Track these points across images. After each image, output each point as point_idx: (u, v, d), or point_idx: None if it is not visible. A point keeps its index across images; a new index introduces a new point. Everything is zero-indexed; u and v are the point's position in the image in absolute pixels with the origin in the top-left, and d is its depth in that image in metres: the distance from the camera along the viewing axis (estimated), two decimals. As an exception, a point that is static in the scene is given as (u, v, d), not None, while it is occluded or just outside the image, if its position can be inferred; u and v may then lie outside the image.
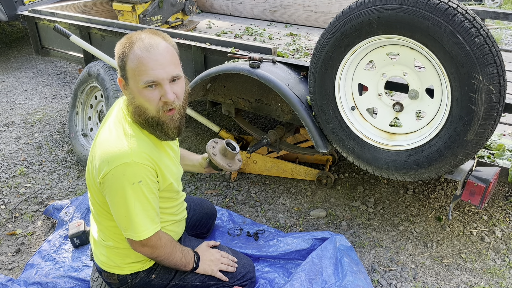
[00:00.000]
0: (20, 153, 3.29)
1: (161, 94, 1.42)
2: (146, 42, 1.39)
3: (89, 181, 1.59)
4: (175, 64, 1.44)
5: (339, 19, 1.79)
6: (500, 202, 2.60)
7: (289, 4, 4.15)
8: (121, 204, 1.45)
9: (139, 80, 1.39)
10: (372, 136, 1.95)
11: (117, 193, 1.43)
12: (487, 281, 2.04)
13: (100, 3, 4.11)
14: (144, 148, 1.46)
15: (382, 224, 2.43)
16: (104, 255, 1.67)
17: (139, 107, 1.45)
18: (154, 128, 1.48)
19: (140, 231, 1.49)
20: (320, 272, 1.89)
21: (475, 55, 1.53)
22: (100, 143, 1.48)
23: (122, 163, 1.40)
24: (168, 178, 1.58)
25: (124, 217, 1.47)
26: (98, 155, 1.46)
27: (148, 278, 1.68)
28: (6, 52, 5.95)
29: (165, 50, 1.41)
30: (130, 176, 1.41)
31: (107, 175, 1.41)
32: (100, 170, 1.43)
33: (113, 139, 1.45)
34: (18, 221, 2.52)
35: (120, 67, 1.45)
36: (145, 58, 1.37)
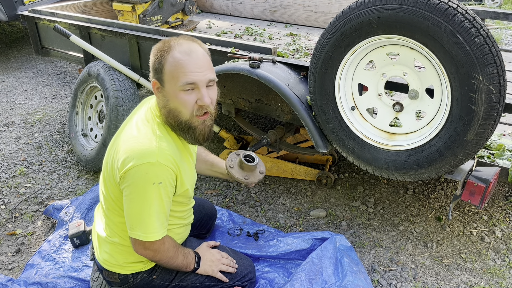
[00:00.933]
0: (20, 153, 3.29)
1: (198, 97, 1.45)
2: (185, 46, 1.44)
3: (106, 176, 1.60)
4: (211, 69, 1.49)
5: (339, 19, 1.79)
6: (500, 202, 2.60)
7: (289, 4, 4.15)
8: (137, 201, 1.47)
9: (177, 82, 1.42)
10: (372, 136, 1.95)
11: (136, 190, 1.45)
12: (487, 281, 2.04)
13: (100, 3, 4.11)
14: (170, 151, 1.48)
15: (382, 224, 2.43)
16: (107, 253, 1.67)
17: (173, 110, 1.48)
18: (185, 132, 1.52)
19: (149, 232, 1.50)
20: (320, 272, 1.89)
21: (475, 55, 1.53)
22: (126, 139, 1.50)
23: (147, 162, 1.42)
24: (186, 184, 1.60)
25: (137, 215, 1.48)
26: (124, 150, 1.47)
27: (149, 279, 1.68)
28: (6, 52, 5.95)
29: (203, 55, 1.47)
30: (153, 175, 1.43)
31: (130, 170, 1.42)
32: (124, 165, 1.44)
33: (141, 137, 1.47)
34: (18, 221, 2.52)
35: (155, 70, 1.47)
36: (185, 61, 1.42)
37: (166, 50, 1.44)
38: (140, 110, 1.62)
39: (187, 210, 1.81)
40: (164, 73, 1.45)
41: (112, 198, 1.59)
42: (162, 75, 1.45)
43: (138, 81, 2.89)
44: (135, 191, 1.45)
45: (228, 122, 3.67)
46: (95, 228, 1.78)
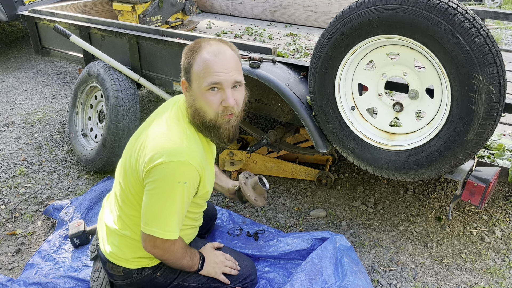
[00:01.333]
0: (20, 153, 3.29)
1: (222, 98, 1.47)
2: (214, 47, 1.47)
3: (127, 169, 1.60)
4: (239, 71, 1.50)
5: (339, 19, 1.79)
6: (500, 202, 2.60)
7: (289, 4, 4.15)
8: (160, 198, 1.47)
9: (203, 82, 1.45)
10: (372, 136, 1.95)
11: (161, 186, 1.46)
12: (487, 281, 2.04)
13: (100, 3, 4.11)
14: (198, 152, 1.51)
15: (382, 224, 2.43)
16: (115, 245, 1.67)
17: (199, 110, 1.50)
18: (210, 131, 1.53)
19: (167, 230, 1.51)
20: (320, 272, 1.89)
21: (475, 55, 1.53)
22: (156, 136, 1.51)
23: (177, 160, 1.43)
24: (207, 185, 1.62)
25: (157, 211, 1.49)
26: (153, 146, 1.47)
27: (153, 275, 1.68)
28: (6, 52, 5.95)
29: (231, 57, 1.48)
30: (180, 174, 1.44)
31: (159, 166, 1.43)
32: (152, 160, 1.44)
33: (172, 135, 1.49)
34: (18, 221, 2.52)
35: (185, 69, 1.51)
36: (211, 61, 1.44)
37: (195, 50, 1.47)
38: (171, 109, 1.63)
39: (200, 213, 1.84)
40: (192, 72, 1.48)
41: (131, 191, 1.59)
42: (190, 74, 1.49)
43: (138, 81, 2.89)
44: (160, 187, 1.46)
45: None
46: (103, 219, 1.77)
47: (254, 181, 1.98)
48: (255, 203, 1.97)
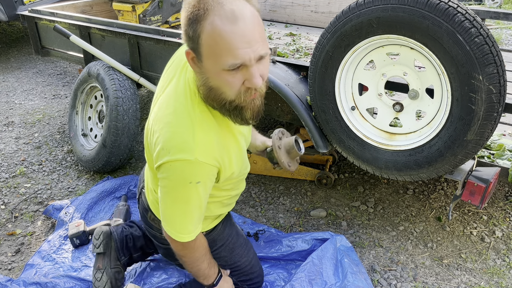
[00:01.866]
0: (20, 153, 3.29)
1: (246, 77, 1.14)
2: (227, 9, 1.06)
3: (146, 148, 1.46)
4: (263, 38, 1.12)
5: (339, 19, 1.79)
6: (500, 202, 2.60)
7: (289, 4, 4.15)
8: (171, 199, 1.33)
9: (220, 62, 1.10)
10: (372, 136, 1.95)
11: (171, 185, 1.29)
12: (487, 281, 2.04)
13: (100, 3, 4.11)
14: (211, 142, 1.27)
15: (382, 224, 2.43)
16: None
17: (215, 90, 1.19)
18: (230, 112, 1.24)
19: (182, 232, 1.38)
20: (320, 273, 1.89)
21: (475, 55, 1.53)
22: (162, 123, 1.27)
23: (183, 159, 1.22)
24: (232, 167, 1.39)
25: (170, 213, 1.37)
26: (159, 138, 1.26)
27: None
28: (6, 52, 5.95)
29: (252, 20, 1.08)
30: (189, 175, 1.25)
31: (166, 164, 1.25)
32: (159, 157, 1.26)
33: (179, 124, 1.24)
34: (18, 221, 2.52)
35: (190, 38, 1.12)
36: (228, 34, 1.06)
37: (201, 12, 1.07)
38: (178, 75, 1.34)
39: (231, 196, 1.63)
40: (201, 44, 1.11)
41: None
42: (198, 46, 1.12)
43: (138, 81, 2.88)
44: (170, 186, 1.29)
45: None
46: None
47: (290, 145, 1.70)
48: (288, 169, 1.71)
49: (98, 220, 2.43)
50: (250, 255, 1.83)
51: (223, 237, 1.72)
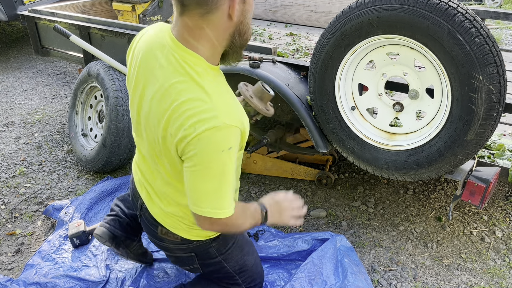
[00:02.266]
0: (20, 153, 3.29)
1: None
2: None
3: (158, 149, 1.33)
4: None
5: (339, 19, 1.79)
6: (500, 202, 2.60)
7: (289, 4, 4.15)
8: (204, 174, 1.23)
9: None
10: (372, 136, 1.95)
11: (202, 161, 1.20)
12: (487, 281, 2.04)
13: (100, 3, 4.11)
14: (230, 100, 1.24)
15: (382, 224, 2.43)
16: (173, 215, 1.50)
17: (248, 26, 1.24)
18: (244, 46, 1.29)
19: (220, 208, 1.28)
20: (320, 273, 1.89)
21: (475, 55, 1.53)
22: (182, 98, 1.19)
23: (212, 127, 1.16)
24: (247, 128, 1.33)
25: (203, 190, 1.26)
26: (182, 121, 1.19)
27: (210, 244, 1.58)
28: (6, 52, 5.95)
29: None
30: (220, 142, 1.18)
31: (192, 141, 1.17)
32: (185, 138, 1.19)
33: (195, 98, 1.19)
34: (18, 221, 2.52)
35: None
36: None
37: None
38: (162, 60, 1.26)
39: (236, 192, 1.61)
40: None
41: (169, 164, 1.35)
42: None
43: (138, 81, 2.88)
44: (202, 163, 1.20)
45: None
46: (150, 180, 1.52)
47: (259, 90, 1.66)
48: (268, 113, 1.67)
49: (98, 220, 2.43)
50: (255, 253, 1.82)
51: (233, 236, 1.68)
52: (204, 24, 1.18)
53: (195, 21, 1.18)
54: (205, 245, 1.60)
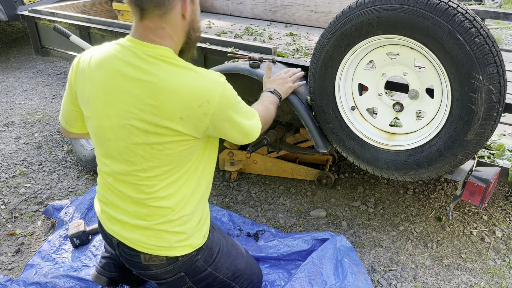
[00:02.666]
0: (20, 153, 3.29)
1: None
2: None
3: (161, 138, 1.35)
4: None
5: (339, 19, 1.79)
6: (500, 202, 2.60)
7: (289, 4, 4.14)
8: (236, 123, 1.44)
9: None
10: (372, 136, 1.95)
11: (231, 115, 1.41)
12: (487, 281, 2.04)
13: (100, 3, 4.11)
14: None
15: (382, 224, 2.43)
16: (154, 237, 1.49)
17: (199, 21, 1.46)
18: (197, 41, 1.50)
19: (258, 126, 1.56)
20: (320, 273, 1.89)
21: (475, 55, 1.53)
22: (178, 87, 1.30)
23: (222, 90, 1.37)
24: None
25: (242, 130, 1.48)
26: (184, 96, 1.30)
27: (196, 258, 1.57)
28: (6, 52, 5.95)
29: None
30: (231, 92, 1.43)
31: (215, 112, 1.35)
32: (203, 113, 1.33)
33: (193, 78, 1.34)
34: (18, 221, 2.52)
35: None
36: None
37: None
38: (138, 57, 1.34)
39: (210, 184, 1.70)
40: None
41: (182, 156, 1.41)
42: None
43: (138, 81, 2.88)
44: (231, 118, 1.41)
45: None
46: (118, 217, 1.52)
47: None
48: None
49: (98, 220, 2.43)
50: (245, 254, 1.80)
51: (216, 242, 1.67)
52: (164, 23, 1.33)
53: (156, 22, 1.32)
54: (191, 260, 1.57)
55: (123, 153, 1.40)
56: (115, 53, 1.37)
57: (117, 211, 1.52)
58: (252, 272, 1.77)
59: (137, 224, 1.49)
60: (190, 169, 1.46)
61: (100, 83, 1.37)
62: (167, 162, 1.39)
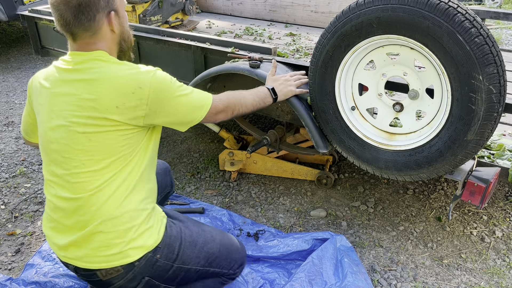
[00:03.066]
0: (20, 153, 3.29)
1: None
2: None
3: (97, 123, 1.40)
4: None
5: (339, 19, 1.79)
6: (500, 202, 2.60)
7: (289, 4, 4.15)
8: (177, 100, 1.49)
9: (124, 4, 1.56)
10: (372, 136, 1.95)
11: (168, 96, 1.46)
12: (487, 281, 2.04)
13: (100, 3, 4.11)
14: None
15: (382, 224, 2.43)
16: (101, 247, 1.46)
17: (127, 31, 1.62)
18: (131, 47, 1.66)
19: (207, 98, 1.58)
20: (320, 273, 1.89)
21: (475, 55, 1.53)
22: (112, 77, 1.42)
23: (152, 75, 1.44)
24: None
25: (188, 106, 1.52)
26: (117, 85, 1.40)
27: (153, 258, 1.52)
28: (6, 52, 5.95)
29: None
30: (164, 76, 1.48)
31: (150, 96, 1.41)
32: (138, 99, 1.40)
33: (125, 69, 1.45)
34: (18, 221, 2.52)
35: (108, 3, 1.47)
36: None
37: None
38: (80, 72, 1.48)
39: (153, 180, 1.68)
40: (115, 1, 1.50)
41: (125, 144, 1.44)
42: (114, 3, 1.50)
43: (138, 81, 2.88)
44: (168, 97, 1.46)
45: (228, 122, 3.67)
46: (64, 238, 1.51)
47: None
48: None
49: (98, 220, 2.43)
50: (216, 236, 1.70)
51: (175, 237, 1.59)
52: (95, 40, 1.48)
53: (88, 39, 1.48)
54: (150, 262, 1.52)
55: (63, 152, 1.44)
56: (58, 65, 1.54)
57: (62, 233, 1.52)
58: (230, 250, 1.70)
59: (82, 236, 1.46)
60: (131, 163, 1.47)
61: (46, 94, 1.49)
62: (107, 155, 1.42)
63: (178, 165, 3.06)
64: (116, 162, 1.44)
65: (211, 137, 3.41)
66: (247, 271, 2.05)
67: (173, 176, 2.04)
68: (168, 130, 3.53)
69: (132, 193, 1.48)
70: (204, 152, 3.22)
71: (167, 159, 3.11)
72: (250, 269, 2.05)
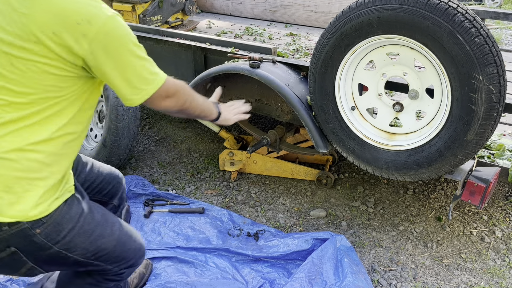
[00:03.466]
0: (20, 153, 3.29)
1: None
2: None
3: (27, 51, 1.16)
4: None
5: (339, 19, 1.79)
6: (500, 202, 2.60)
7: (289, 4, 4.15)
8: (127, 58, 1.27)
9: None
10: (372, 136, 1.95)
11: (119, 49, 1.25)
12: (487, 281, 2.04)
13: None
14: None
15: (382, 224, 2.43)
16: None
17: None
18: None
19: (161, 74, 1.35)
20: (320, 273, 1.89)
21: (475, 55, 1.53)
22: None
23: (111, 16, 1.21)
24: None
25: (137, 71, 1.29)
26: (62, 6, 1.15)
27: (30, 232, 1.27)
28: (6, 52, 5.95)
29: None
30: (124, 26, 1.27)
31: (97, 37, 1.18)
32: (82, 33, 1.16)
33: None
34: (18, 221, 2.52)
35: None
36: None
37: None
38: None
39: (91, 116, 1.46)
40: None
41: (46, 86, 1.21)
42: None
43: (138, 81, 2.88)
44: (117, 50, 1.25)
45: (228, 122, 3.67)
46: None
47: None
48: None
49: (98, 220, 2.43)
50: (117, 231, 1.49)
51: (71, 218, 1.35)
52: None
53: None
54: (23, 233, 1.27)
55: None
56: None
57: None
58: (125, 249, 1.52)
59: None
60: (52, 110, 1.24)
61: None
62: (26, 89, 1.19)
63: (178, 165, 3.06)
64: (34, 103, 1.21)
65: (211, 137, 3.41)
66: (247, 271, 2.05)
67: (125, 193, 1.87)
68: (168, 130, 3.53)
69: (44, 143, 1.25)
70: (204, 152, 3.22)
71: (167, 159, 3.11)
72: (250, 269, 2.06)
